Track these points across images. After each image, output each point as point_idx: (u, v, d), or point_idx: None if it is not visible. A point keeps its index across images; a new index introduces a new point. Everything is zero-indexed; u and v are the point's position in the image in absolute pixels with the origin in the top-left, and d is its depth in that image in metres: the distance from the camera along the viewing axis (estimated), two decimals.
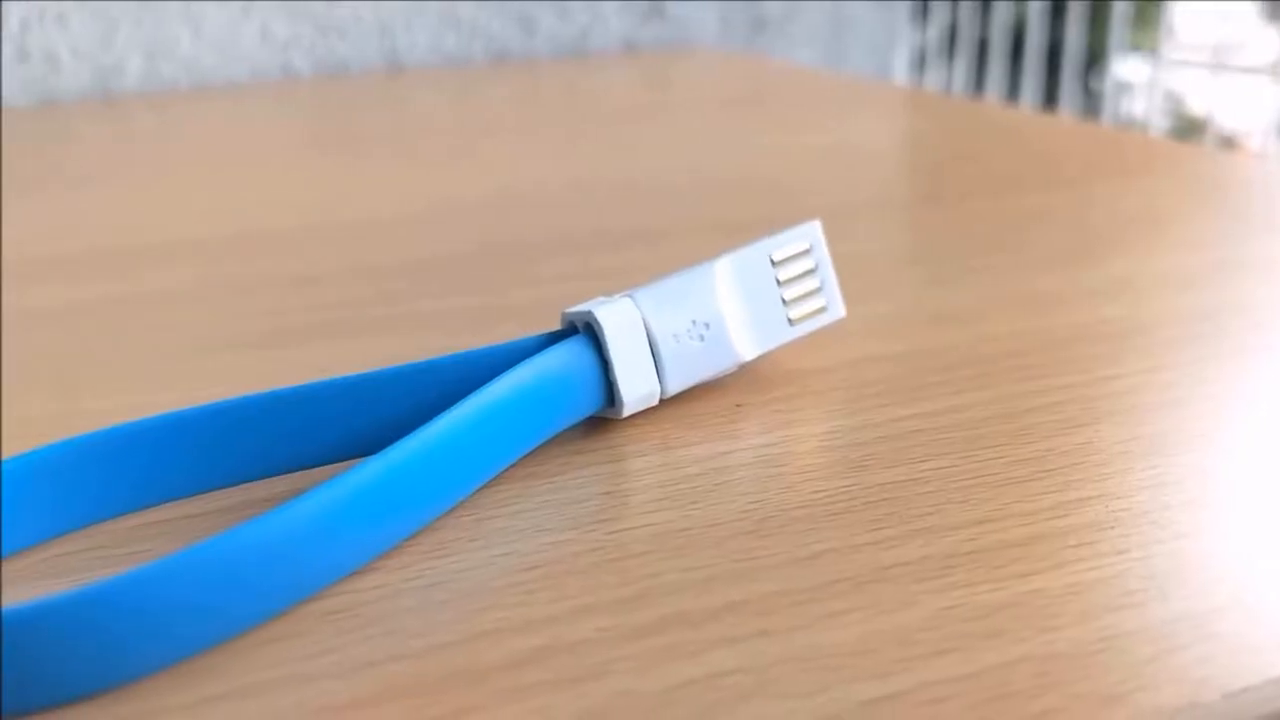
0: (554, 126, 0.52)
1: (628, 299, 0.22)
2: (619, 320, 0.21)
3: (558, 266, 0.31)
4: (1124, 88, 0.98)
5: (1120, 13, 0.79)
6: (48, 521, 0.18)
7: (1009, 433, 0.21)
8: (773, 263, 0.23)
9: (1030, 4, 0.83)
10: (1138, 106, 0.98)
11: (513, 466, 0.20)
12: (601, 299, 0.22)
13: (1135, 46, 0.92)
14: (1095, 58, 0.93)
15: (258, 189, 0.41)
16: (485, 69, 0.66)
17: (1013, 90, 0.88)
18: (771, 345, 0.23)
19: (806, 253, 0.23)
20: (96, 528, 0.19)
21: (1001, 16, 0.86)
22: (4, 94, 0.59)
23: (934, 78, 0.91)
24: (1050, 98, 0.86)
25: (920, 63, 0.90)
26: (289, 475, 0.20)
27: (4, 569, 0.18)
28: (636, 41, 0.70)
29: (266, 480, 0.20)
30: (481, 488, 0.19)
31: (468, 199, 0.39)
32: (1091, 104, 0.98)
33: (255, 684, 0.15)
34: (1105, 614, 0.16)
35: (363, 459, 0.17)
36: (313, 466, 0.20)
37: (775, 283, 0.23)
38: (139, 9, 0.61)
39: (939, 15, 0.91)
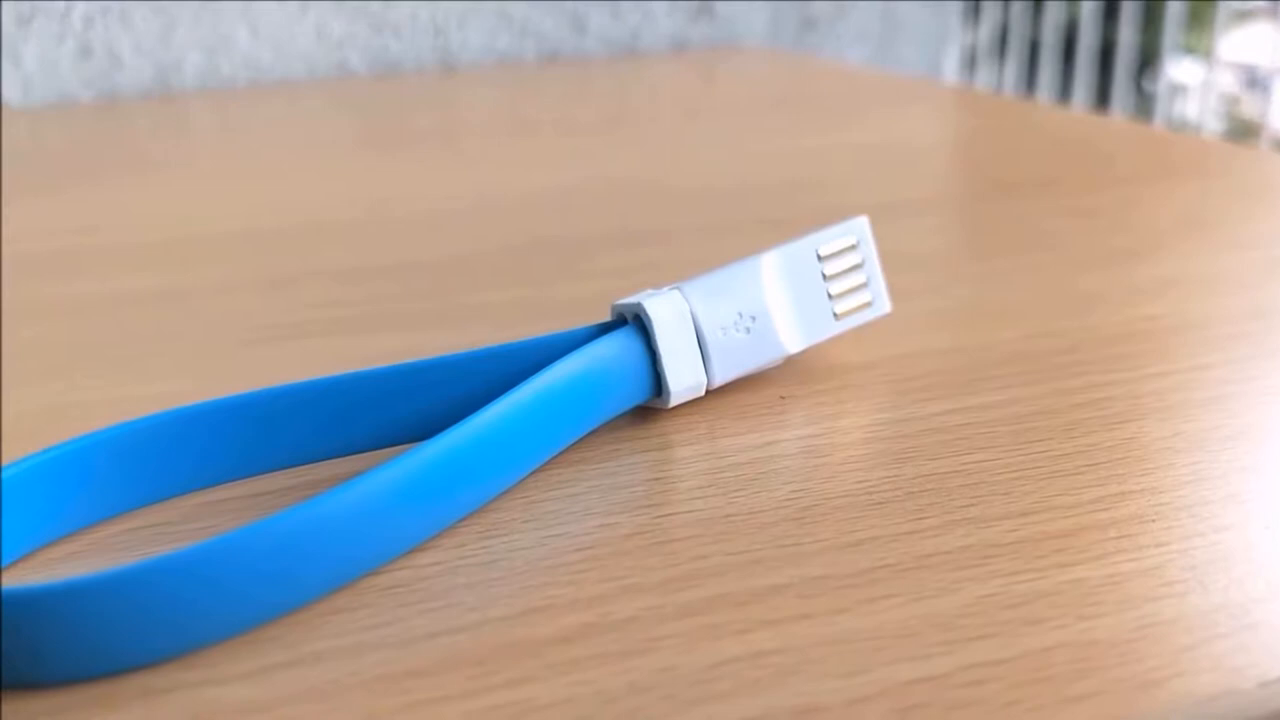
0: (602, 124, 0.53)
1: (676, 291, 0.22)
2: (667, 312, 0.22)
3: (605, 261, 0.32)
4: (1177, 90, 0.97)
5: (1174, 14, 0.79)
6: (112, 499, 0.19)
7: (1054, 428, 0.21)
8: (819, 257, 0.23)
9: (1083, 4, 0.82)
10: (1191, 109, 0.97)
11: (563, 452, 0.21)
12: (650, 291, 0.22)
13: (1189, 48, 0.91)
14: (1148, 59, 0.92)
15: (311, 184, 0.42)
16: (536, 68, 0.67)
17: (1064, 91, 0.87)
18: (817, 339, 0.23)
19: (853, 248, 0.23)
20: (161, 505, 0.19)
21: (1053, 17, 0.86)
22: (68, 89, 0.61)
23: (984, 78, 0.91)
24: (1102, 99, 0.86)
25: (971, 63, 0.89)
26: (347, 458, 0.20)
27: (72, 544, 0.18)
28: (686, 40, 0.71)
29: (325, 463, 0.20)
30: (533, 472, 0.20)
31: (517, 195, 0.40)
32: (1144, 106, 0.97)
33: (317, 653, 0.15)
34: (1144, 603, 0.16)
35: (418, 443, 0.18)
36: (369, 450, 0.20)
37: (821, 277, 0.23)
38: (199, 7, 0.62)
39: (990, 15, 0.90)
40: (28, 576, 0.17)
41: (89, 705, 0.15)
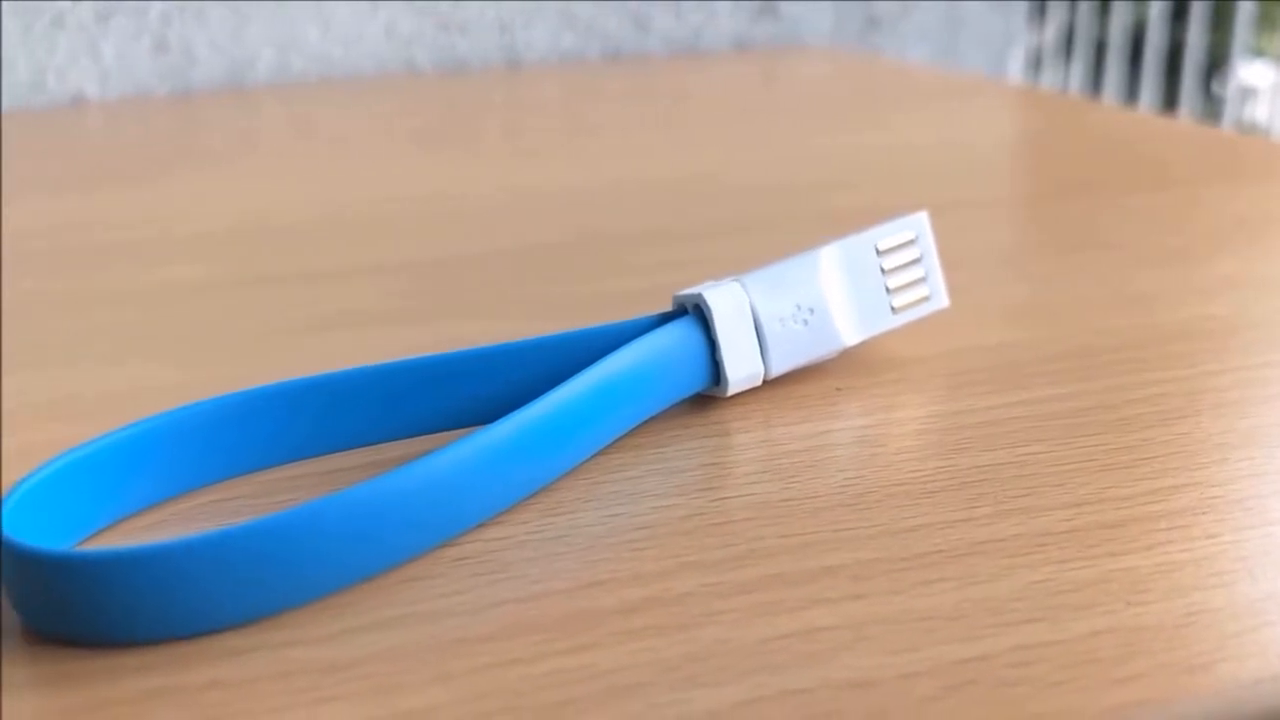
0: (663, 122, 0.53)
1: (736, 283, 0.22)
2: (727, 303, 0.22)
3: (663, 255, 0.32)
4: (1247, 92, 0.96)
5: (1244, 15, 0.78)
6: (188, 475, 0.20)
7: (1109, 422, 0.22)
8: (878, 251, 0.24)
9: (1151, 4, 0.81)
10: (1260, 112, 0.95)
11: (624, 437, 0.21)
12: (710, 283, 0.23)
13: (1260, 51, 0.90)
14: (1217, 61, 0.91)
15: (375, 178, 0.43)
16: (600, 66, 0.68)
17: (1131, 94, 0.86)
18: (874, 332, 0.24)
19: (912, 243, 0.24)
20: (235, 481, 0.20)
21: (1121, 17, 0.85)
22: (144, 83, 0.63)
23: (1049, 79, 0.90)
24: (1169, 102, 0.85)
25: (1036, 64, 0.89)
26: (413, 439, 0.21)
27: (153, 515, 0.19)
28: (749, 40, 0.71)
29: (392, 443, 0.21)
30: (595, 455, 0.21)
31: (576, 190, 0.40)
32: (1212, 109, 0.96)
33: (392, 618, 0.16)
34: (1194, 591, 0.16)
35: (485, 425, 0.18)
36: (434, 433, 0.21)
37: (880, 271, 0.24)
38: (272, 6, 0.64)
39: (1056, 16, 0.90)
40: (115, 544, 0.18)
41: (177, 662, 0.15)
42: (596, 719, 0.14)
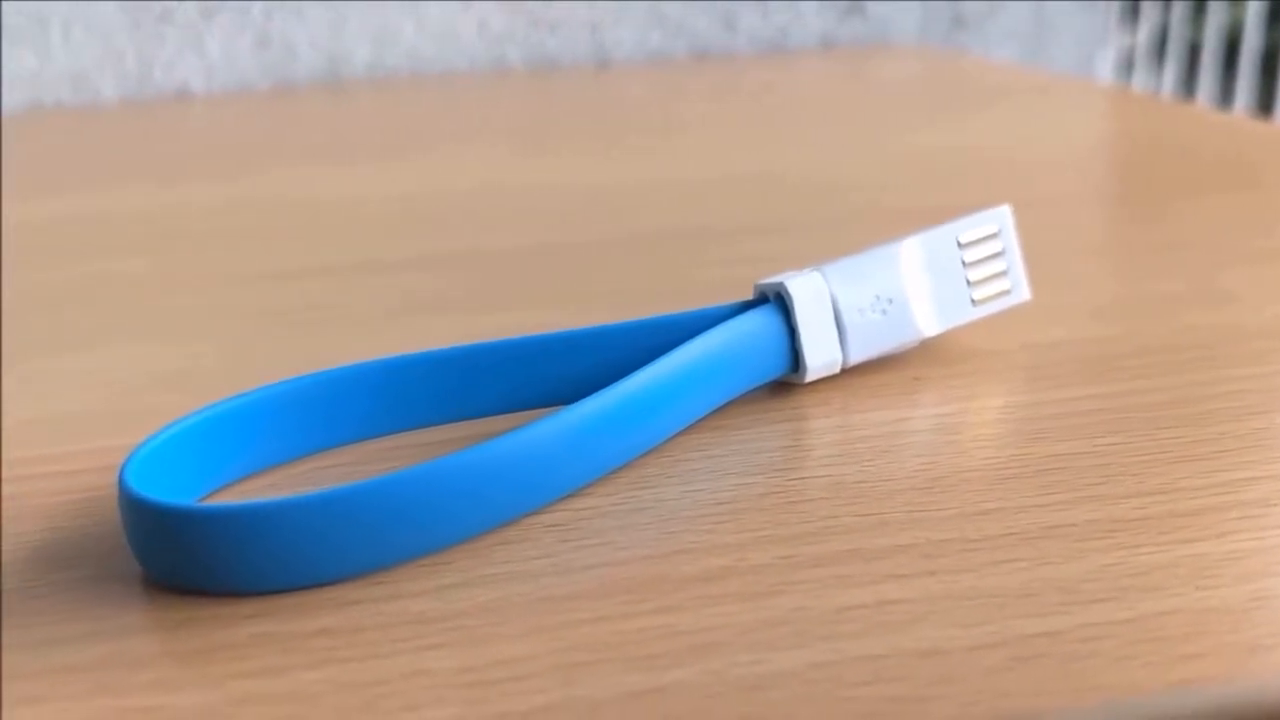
0: (749, 120, 0.54)
1: (817, 273, 0.23)
2: (807, 291, 0.23)
3: (746, 248, 0.33)
4: None
5: None
6: (292, 443, 0.21)
7: (1187, 416, 0.22)
8: (959, 244, 0.24)
9: (1247, 5, 0.80)
10: None
11: (704, 419, 0.22)
12: (792, 272, 0.23)
13: None
14: None
15: (465, 171, 0.45)
16: (687, 64, 0.68)
17: (1225, 97, 0.85)
18: (953, 323, 0.24)
19: (994, 236, 0.24)
20: (338, 450, 0.21)
21: (1216, 19, 0.84)
22: (246, 78, 0.65)
23: (1141, 82, 0.89)
24: (1265, 106, 0.83)
25: (1128, 66, 0.87)
26: (504, 416, 0.22)
27: (265, 479, 0.20)
28: (835, 39, 0.71)
29: (485, 419, 0.22)
30: (678, 434, 0.21)
31: (661, 185, 0.41)
32: None
33: (487, 576, 0.17)
34: (1262, 578, 0.17)
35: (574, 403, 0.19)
36: (526, 410, 0.22)
37: (961, 264, 0.24)
38: (368, 3, 0.66)
39: (1149, 17, 0.88)
40: (230, 501, 0.20)
41: (287, 611, 0.17)
42: (680, 673, 0.15)
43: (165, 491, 0.18)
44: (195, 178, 0.45)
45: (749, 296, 0.23)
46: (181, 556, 0.17)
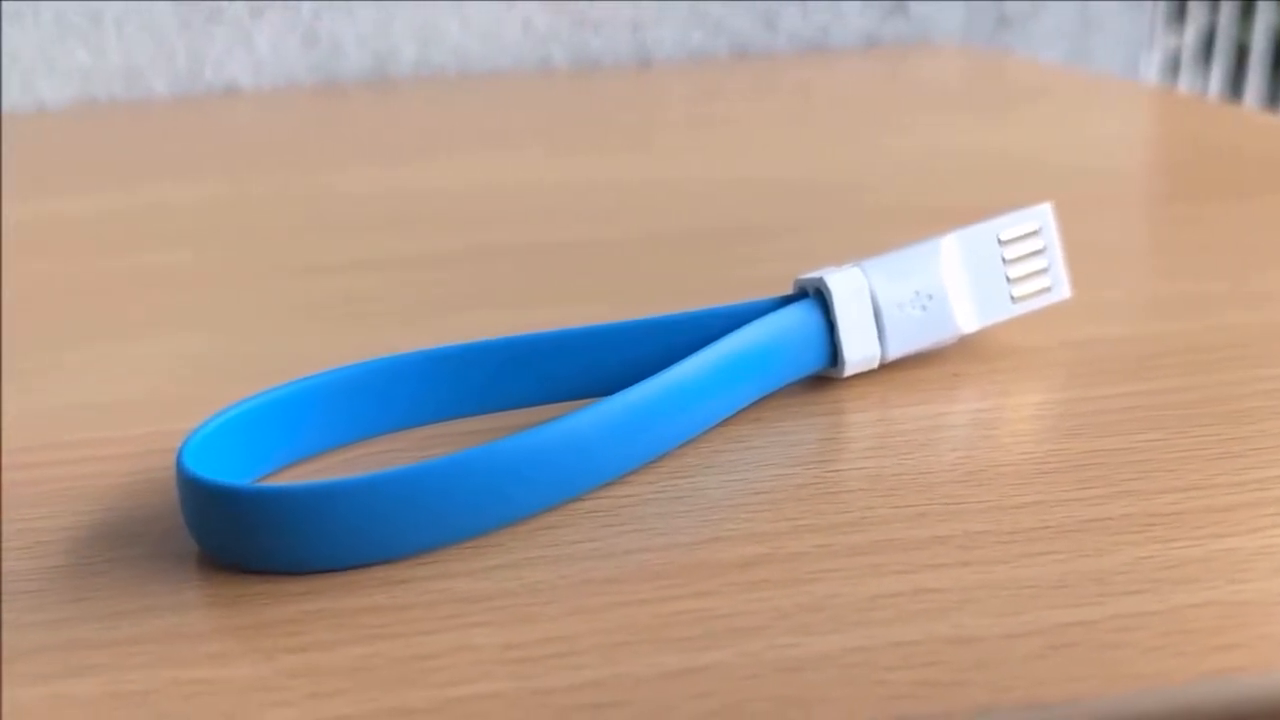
0: (789, 119, 0.54)
1: (856, 268, 0.23)
2: (847, 287, 0.23)
3: (786, 245, 0.33)
4: None
5: None
6: (347, 428, 0.22)
7: (1224, 414, 0.22)
8: (1000, 241, 0.24)
9: None
10: None
11: (744, 411, 0.22)
12: (831, 268, 0.24)
13: None
14: None
15: (511, 167, 0.45)
16: (727, 64, 0.69)
17: (1273, 99, 0.84)
18: (993, 320, 0.24)
19: (1035, 234, 0.24)
20: (388, 437, 0.22)
21: (1265, 19, 0.83)
22: (294, 74, 0.66)
23: (1188, 83, 0.88)
24: None
25: (1174, 68, 0.87)
26: (548, 406, 0.22)
27: (317, 464, 0.21)
28: (878, 38, 0.71)
29: (530, 409, 0.23)
30: (717, 426, 0.22)
31: (702, 183, 0.41)
32: None
33: (532, 559, 0.18)
34: None
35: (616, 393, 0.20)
36: (569, 400, 0.23)
37: (1001, 261, 0.24)
38: (414, 2, 0.66)
39: (1196, 18, 0.88)
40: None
41: (337, 589, 0.17)
42: (718, 654, 0.15)
43: (221, 473, 0.19)
44: (242, 172, 0.46)
45: (788, 291, 0.24)
46: (237, 535, 0.18)
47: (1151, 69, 0.77)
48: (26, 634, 0.17)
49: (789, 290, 0.24)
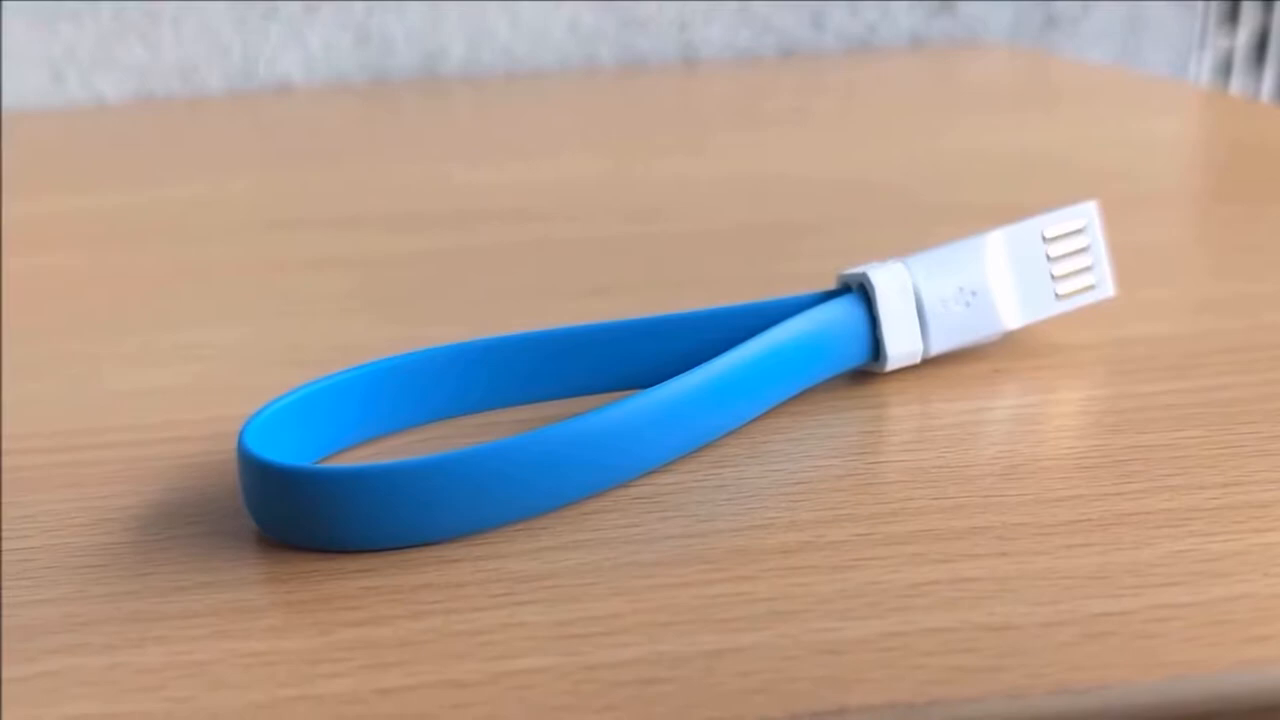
0: (834, 117, 0.54)
1: (900, 264, 0.24)
2: (890, 282, 0.23)
3: (831, 241, 0.34)
4: None
5: None
6: (400, 414, 0.22)
7: (1267, 412, 0.22)
8: (1044, 239, 0.24)
9: None
10: None
11: (786, 403, 0.23)
12: (875, 263, 0.24)
13: None
14: None
15: (558, 164, 0.46)
16: (774, 63, 0.69)
17: None
18: (1036, 317, 0.25)
19: (1080, 231, 0.25)
20: (439, 424, 0.23)
21: None
22: (345, 71, 0.67)
23: (1240, 85, 0.87)
24: None
25: (1226, 69, 0.86)
26: (596, 395, 0.23)
27: (371, 449, 0.22)
28: (925, 38, 0.71)
29: (578, 398, 0.23)
30: (758, 418, 0.22)
31: (748, 180, 0.42)
32: None
33: (579, 541, 0.18)
34: None
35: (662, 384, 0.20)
36: (616, 390, 0.23)
37: (1045, 258, 0.24)
38: (465, 2, 0.67)
39: (1250, 19, 0.87)
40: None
41: (393, 567, 0.18)
42: (758, 636, 0.16)
43: (280, 456, 0.19)
44: (296, 166, 0.47)
45: (832, 287, 0.24)
46: (295, 514, 0.18)
47: (1203, 71, 0.76)
48: (91, 606, 0.17)
49: (833, 285, 0.24)
